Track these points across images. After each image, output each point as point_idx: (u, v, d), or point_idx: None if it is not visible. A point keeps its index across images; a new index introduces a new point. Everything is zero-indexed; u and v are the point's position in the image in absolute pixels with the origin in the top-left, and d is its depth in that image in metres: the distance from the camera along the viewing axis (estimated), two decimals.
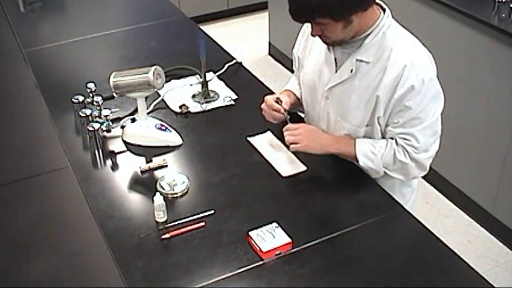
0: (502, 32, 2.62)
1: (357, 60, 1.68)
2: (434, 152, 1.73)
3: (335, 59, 1.75)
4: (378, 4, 1.68)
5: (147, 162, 1.90)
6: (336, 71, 1.75)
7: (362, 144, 1.74)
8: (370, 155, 1.73)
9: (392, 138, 1.72)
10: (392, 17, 1.70)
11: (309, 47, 1.86)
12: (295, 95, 1.99)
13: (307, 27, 1.86)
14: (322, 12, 1.55)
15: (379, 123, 1.72)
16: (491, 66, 2.77)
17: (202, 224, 1.62)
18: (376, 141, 1.74)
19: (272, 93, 2.24)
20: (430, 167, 3.35)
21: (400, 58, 1.63)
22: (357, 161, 1.75)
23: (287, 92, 2.01)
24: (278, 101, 1.88)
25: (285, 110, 1.86)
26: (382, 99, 1.66)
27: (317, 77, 1.81)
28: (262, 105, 1.92)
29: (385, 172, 1.76)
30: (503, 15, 2.72)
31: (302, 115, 2.02)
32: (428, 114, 1.66)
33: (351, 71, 1.70)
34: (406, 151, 1.69)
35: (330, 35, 1.64)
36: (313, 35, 1.67)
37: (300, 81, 1.96)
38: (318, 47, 1.81)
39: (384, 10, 1.69)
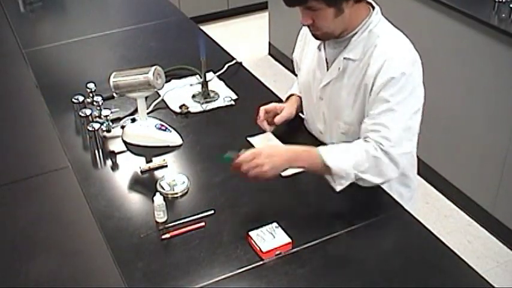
0: (502, 32, 2.62)
1: (344, 58, 1.69)
2: (409, 150, 1.66)
3: (326, 59, 1.75)
4: (369, 3, 1.68)
5: (147, 162, 1.90)
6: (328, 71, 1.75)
7: (325, 148, 1.65)
8: (337, 154, 1.62)
9: (365, 138, 1.66)
10: (383, 15, 1.70)
11: (306, 49, 1.87)
12: (300, 98, 2.00)
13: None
14: None
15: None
16: (491, 66, 2.77)
17: (202, 224, 1.62)
18: (338, 144, 1.70)
19: (272, 93, 2.24)
20: (430, 167, 3.36)
21: (382, 53, 1.63)
22: (325, 167, 1.61)
23: (293, 99, 2.02)
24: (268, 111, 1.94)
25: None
26: (366, 94, 1.66)
27: (311, 78, 1.82)
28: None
29: (358, 176, 1.62)
30: (503, 15, 2.72)
31: (303, 116, 2.02)
32: (404, 108, 1.62)
33: (339, 69, 1.70)
34: (378, 143, 1.61)
35: (321, 24, 1.63)
36: (303, 25, 1.66)
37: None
38: (313, 48, 1.81)
39: (374, 8, 1.69)
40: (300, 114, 2.03)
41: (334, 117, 1.78)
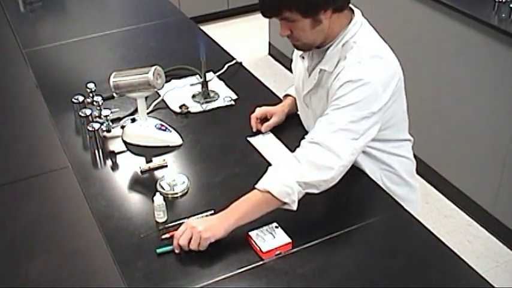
0: (502, 32, 2.62)
1: (320, 70, 1.69)
2: (349, 148, 1.55)
3: (308, 68, 1.76)
4: (351, 10, 1.66)
5: (147, 162, 1.90)
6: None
7: (259, 182, 1.57)
8: (270, 177, 1.56)
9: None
10: (370, 23, 1.68)
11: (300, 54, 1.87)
12: (295, 98, 2.01)
13: None
14: (288, 4, 1.53)
15: None
16: (491, 66, 2.77)
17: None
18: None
19: (272, 93, 2.24)
20: (430, 167, 3.35)
21: (345, 62, 1.61)
22: (268, 196, 1.54)
23: (287, 102, 2.04)
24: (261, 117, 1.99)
25: None
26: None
27: (301, 84, 1.83)
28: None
29: (301, 183, 1.55)
30: (503, 15, 2.72)
31: None
32: (348, 110, 1.55)
33: (315, 80, 1.71)
34: (308, 139, 1.57)
35: (299, 35, 1.62)
36: (281, 35, 1.64)
37: None
38: (300, 57, 1.82)
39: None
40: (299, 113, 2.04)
41: None
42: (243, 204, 1.55)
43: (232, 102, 2.19)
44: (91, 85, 2.10)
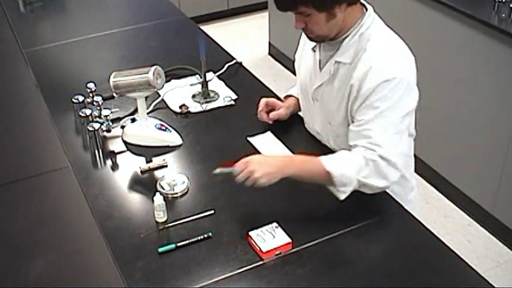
0: (502, 32, 2.62)
1: (336, 62, 1.69)
2: (402, 150, 1.64)
3: (319, 61, 1.76)
4: (362, 4, 1.68)
5: (147, 162, 1.90)
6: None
7: (325, 157, 1.63)
8: (338, 161, 1.60)
9: (355, 145, 1.65)
10: (379, 15, 1.69)
11: (306, 49, 1.87)
12: (297, 98, 2.01)
13: None
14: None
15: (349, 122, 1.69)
16: (491, 66, 2.77)
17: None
18: (336, 153, 1.68)
19: (272, 93, 2.24)
20: (431, 167, 3.35)
21: (370, 58, 1.61)
22: (326, 174, 1.59)
23: (290, 101, 2.03)
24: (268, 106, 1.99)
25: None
26: (352, 96, 1.65)
27: (308, 79, 1.83)
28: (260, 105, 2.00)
29: (361, 182, 1.60)
30: (503, 15, 2.72)
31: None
32: (392, 113, 1.59)
33: (330, 72, 1.71)
34: (371, 150, 1.59)
35: (314, 29, 1.63)
36: (296, 28, 1.65)
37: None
38: (311, 50, 1.82)
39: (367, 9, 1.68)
40: (300, 114, 2.03)
41: (327, 119, 1.78)
42: (304, 166, 1.62)
43: (232, 102, 2.19)
44: (91, 85, 2.10)
